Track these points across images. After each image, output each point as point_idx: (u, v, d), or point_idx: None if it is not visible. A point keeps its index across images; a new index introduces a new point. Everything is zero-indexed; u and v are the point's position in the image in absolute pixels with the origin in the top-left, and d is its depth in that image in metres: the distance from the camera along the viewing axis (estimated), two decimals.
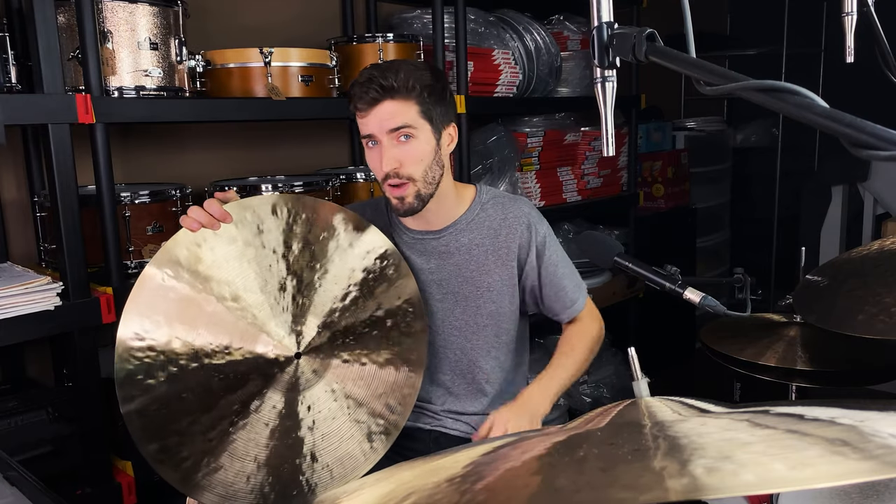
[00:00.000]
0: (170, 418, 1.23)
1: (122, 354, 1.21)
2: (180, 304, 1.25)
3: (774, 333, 1.63)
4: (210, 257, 1.28)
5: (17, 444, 1.66)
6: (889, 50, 1.29)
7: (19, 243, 2.02)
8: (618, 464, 0.55)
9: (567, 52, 3.08)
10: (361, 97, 1.40)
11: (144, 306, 1.23)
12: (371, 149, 1.44)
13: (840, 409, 0.63)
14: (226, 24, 2.38)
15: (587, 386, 3.18)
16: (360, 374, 1.39)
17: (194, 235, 1.28)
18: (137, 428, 1.21)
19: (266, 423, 1.31)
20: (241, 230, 1.31)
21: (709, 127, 4.46)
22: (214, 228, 1.29)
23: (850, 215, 4.07)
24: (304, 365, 1.34)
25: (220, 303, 1.28)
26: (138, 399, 1.21)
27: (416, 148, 1.42)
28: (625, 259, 1.37)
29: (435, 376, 1.59)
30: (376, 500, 0.64)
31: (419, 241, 1.56)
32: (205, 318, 1.26)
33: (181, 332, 1.24)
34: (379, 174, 1.44)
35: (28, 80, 1.67)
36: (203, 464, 1.25)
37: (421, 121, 1.41)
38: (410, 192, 1.43)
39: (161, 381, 1.22)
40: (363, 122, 1.43)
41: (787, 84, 0.66)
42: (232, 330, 1.28)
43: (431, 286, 1.55)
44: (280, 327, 1.32)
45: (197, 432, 1.25)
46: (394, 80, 1.38)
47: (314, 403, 1.35)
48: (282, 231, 1.34)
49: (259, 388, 1.30)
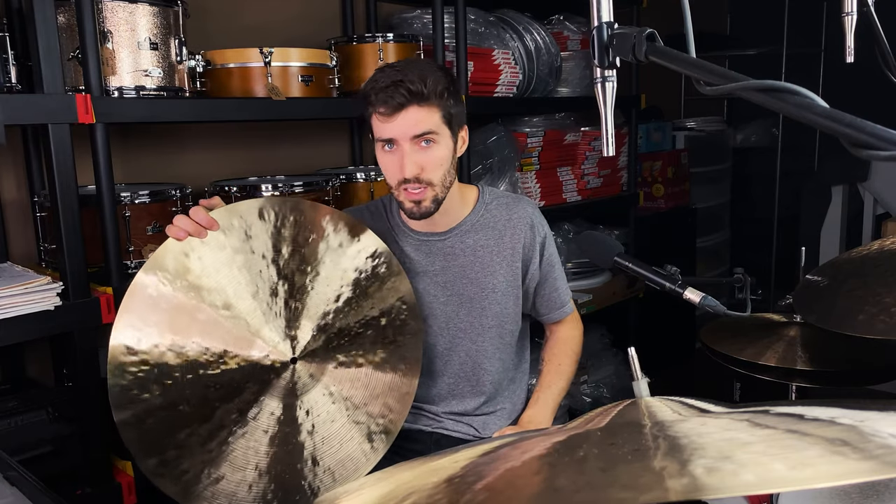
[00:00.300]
0: (167, 431, 1.21)
1: (115, 371, 1.18)
2: (172, 313, 1.23)
3: (774, 333, 1.63)
4: (199, 266, 1.25)
5: (17, 444, 1.66)
6: (889, 50, 1.29)
7: (19, 243, 2.02)
8: (618, 464, 0.55)
9: (567, 52, 3.08)
10: (386, 101, 1.34)
11: (136, 317, 1.21)
12: (388, 152, 1.40)
13: (840, 409, 0.63)
14: (226, 24, 2.38)
15: (587, 386, 3.18)
16: (356, 376, 1.38)
17: (182, 245, 1.25)
18: (134, 442, 1.19)
19: (265, 430, 1.30)
20: (229, 237, 1.28)
21: (709, 127, 4.46)
22: (201, 237, 1.25)
23: (850, 215, 4.07)
24: (300, 369, 1.33)
25: (213, 311, 1.26)
26: (133, 413, 1.19)
27: (436, 153, 1.39)
28: (625, 259, 1.37)
29: (438, 378, 1.59)
30: (376, 500, 0.64)
31: (424, 243, 1.55)
32: (198, 328, 1.24)
33: (174, 342, 1.22)
34: (396, 178, 1.40)
35: (28, 80, 1.67)
36: (203, 475, 1.24)
37: (443, 126, 1.39)
38: (428, 197, 1.41)
39: (156, 394, 1.20)
40: (384, 127, 1.37)
41: (787, 84, 0.66)
42: (226, 338, 1.26)
43: (437, 288, 1.54)
44: (274, 333, 1.31)
45: (195, 444, 1.24)
46: (422, 86, 1.34)
47: (312, 407, 1.34)
48: (270, 235, 1.32)
49: (256, 395, 1.29)
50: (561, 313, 1.64)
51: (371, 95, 1.37)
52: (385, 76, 1.36)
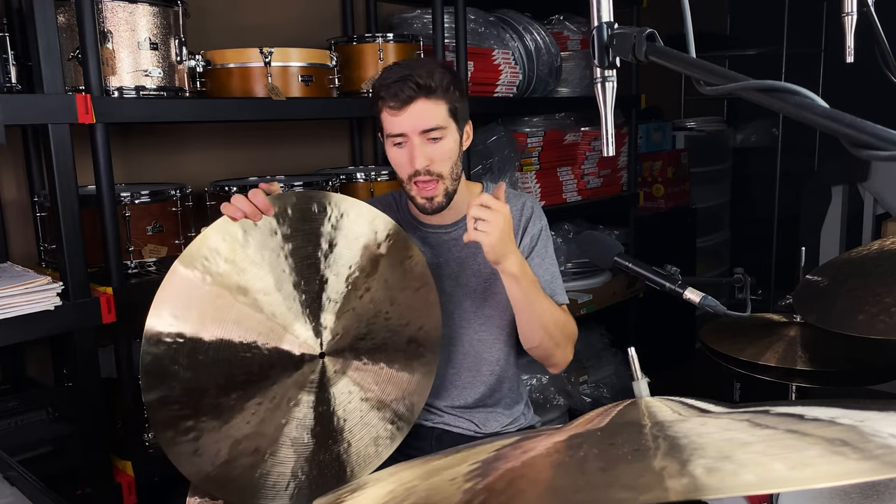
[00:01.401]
0: (189, 406, 1.22)
1: (151, 340, 1.19)
2: (212, 294, 1.24)
3: (774, 333, 1.64)
4: (246, 250, 1.27)
5: (17, 444, 1.66)
6: (889, 50, 1.29)
7: (19, 243, 2.02)
8: (618, 464, 0.55)
9: (567, 52, 3.09)
10: (396, 94, 1.40)
11: (176, 293, 1.22)
12: (398, 148, 1.45)
13: (840, 409, 0.63)
14: (226, 24, 2.38)
15: (587, 386, 3.18)
16: (378, 373, 1.40)
17: (232, 226, 1.26)
18: (158, 415, 1.20)
19: (283, 419, 1.31)
20: (281, 225, 1.30)
21: (709, 127, 4.46)
22: (256, 220, 1.27)
23: (850, 215, 4.07)
24: (327, 363, 1.34)
25: (252, 297, 1.27)
26: (161, 383, 1.20)
27: (445, 147, 1.44)
28: (625, 259, 1.37)
29: (441, 371, 1.60)
30: (376, 499, 0.64)
31: (432, 235, 1.59)
32: (235, 312, 1.25)
33: (211, 322, 1.23)
34: (406, 172, 1.45)
35: (28, 80, 1.67)
36: (217, 455, 1.25)
37: (450, 120, 1.44)
38: (440, 192, 1.46)
39: (186, 369, 1.22)
40: (394, 121, 1.42)
41: (787, 84, 0.66)
42: (261, 323, 1.28)
43: (442, 280, 1.57)
44: (307, 325, 1.32)
45: (214, 424, 1.25)
46: (430, 80, 1.40)
47: (332, 400, 1.35)
48: (318, 227, 1.33)
49: (280, 383, 1.30)
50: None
51: (381, 90, 1.43)
52: (393, 73, 1.43)
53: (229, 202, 1.26)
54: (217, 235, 1.25)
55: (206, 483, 1.26)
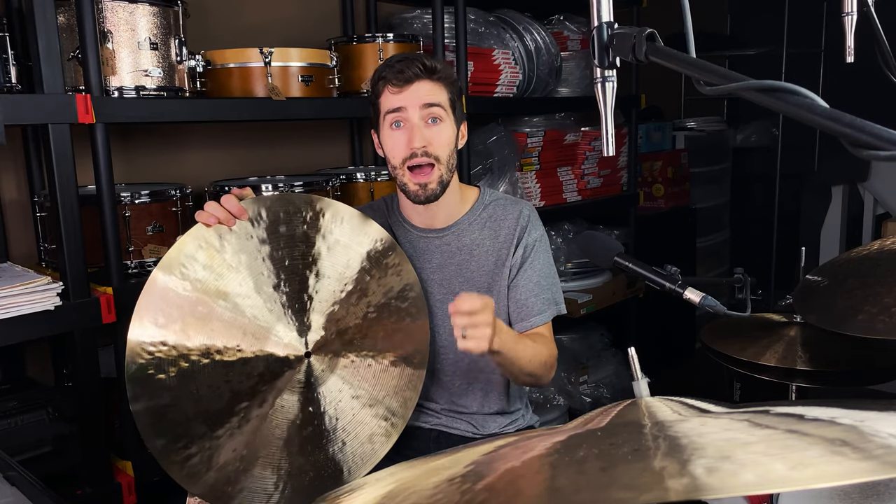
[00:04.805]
0: (178, 414, 1.23)
1: (135, 349, 1.20)
2: (192, 301, 1.24)
3: (774, 333, 1.63)
4: (223, 255, 1.27)
5: (17, 444, 1.66)
6: (889, 50, 1.29)
7: (19, 243, 2.02)
8: (618, 464, 0.55)
9: (567, 52, 3.09)
10: (401, 71, 1.41)
11: (157, 302, 1.23)
12: (395, 130, 1.45)
13: (840, 409, 0.63)
14: (226, 24, 2.38)
15: (587, 386, 3.18)
16: (367, 367, 1.40)
17: (207, 232, 1.27)
18: (144, 421, 1.20)
19: (274, 421, 1.31)
20: (256, 228, 1.31)
21: (709, 127, 4.46)
22: (230, 225, 1.28)
23: (850, 215, 4.07)
24: (313, 362, 1.35)
25: (234, 300, 1.27)
26: (147, 393, 1.20)
27: (443, 131, 1.45)
28: (625, 259, 1.37)
29: (435, 375, 1.59)
30: (376, 500, 0.64)
31: (422, 239, 1.56)
32: (216, 317, 1.26)
33: (193, 329, 1.24)
34: (403, 153, 1.44)
35: (28, 80, 1.67)
36: (209, 461, 1.25)
37: (449, 109, 1.46)
38: (434, 178, 1.45)
39: (171, 376, 1.22)
40: (394, 98, 1.43)
41: (787, 84, 0.66)
42: (244, 327, 1.28)
43: (433, 286, 1.55)
44: (290, 326, 1.32)
45: (205, 430, 1.25)
46: (436, 64, 1.44)
47: (323, 400, 1.35)
48: (294, 229, 1.34)
49: (269, 386, 1.30)
50: (523, 326, 1.53)
51: (384, 71, 1.44)
52: (398, 57, 1.46)
53: (202, 209, 1.26)
54: (193, 242, 1.26)
55: (201, 489, 1.25)
